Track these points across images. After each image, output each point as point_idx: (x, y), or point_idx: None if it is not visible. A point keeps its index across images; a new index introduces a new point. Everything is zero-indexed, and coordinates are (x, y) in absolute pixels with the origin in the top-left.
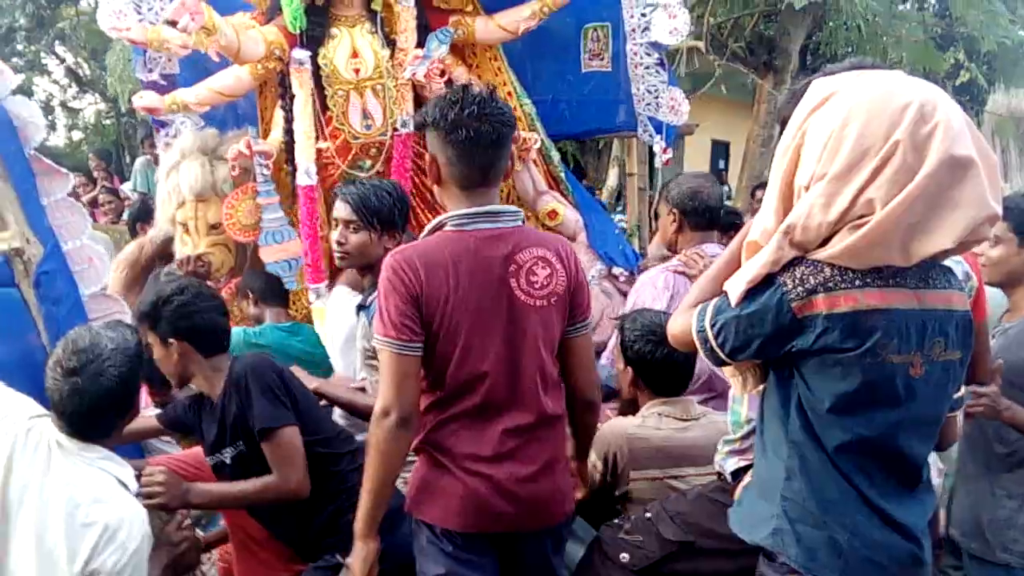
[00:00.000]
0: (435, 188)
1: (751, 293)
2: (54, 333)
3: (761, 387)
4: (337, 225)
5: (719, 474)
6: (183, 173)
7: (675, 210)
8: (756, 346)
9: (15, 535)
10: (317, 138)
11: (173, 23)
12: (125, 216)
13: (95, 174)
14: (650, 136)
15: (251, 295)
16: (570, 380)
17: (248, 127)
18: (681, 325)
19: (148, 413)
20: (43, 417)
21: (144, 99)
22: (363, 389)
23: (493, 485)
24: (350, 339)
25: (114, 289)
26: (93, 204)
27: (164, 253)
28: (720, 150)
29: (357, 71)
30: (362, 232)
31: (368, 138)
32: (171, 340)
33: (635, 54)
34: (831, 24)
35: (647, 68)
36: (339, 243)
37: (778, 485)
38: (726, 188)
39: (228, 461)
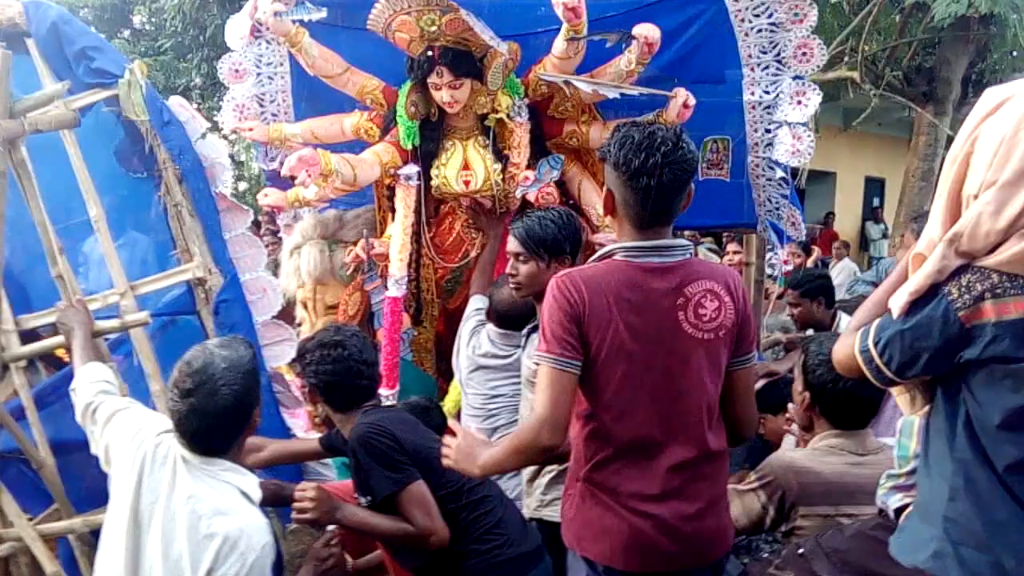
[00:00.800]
0: (607, 218)
1: (915, 305)
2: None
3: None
4: (510, 258)
5: (881, 510)
6: (303, 257)
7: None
8: (924, 361)
9: (147, 547)
10: (421, 245)
11: (292, 177)
12: None
13: (260, 218)
14: (771, 238)
15: None
16: (729, 413)
17: (367, 208)
18: (844, 348)
19: (311, 436)
20: (171, 432)
21: (269, 197)
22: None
23: (659, 524)
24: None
25: None
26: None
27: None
28: (874, 187)
29: (467, 183)
30: (530, 262)
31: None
32: (309, 389)
33: (756, 166)
34: (994, 53)
35: (769, 180)
36: (511, 275)
37: (941, 506)
38: (881, 226)
39: (365, 504)
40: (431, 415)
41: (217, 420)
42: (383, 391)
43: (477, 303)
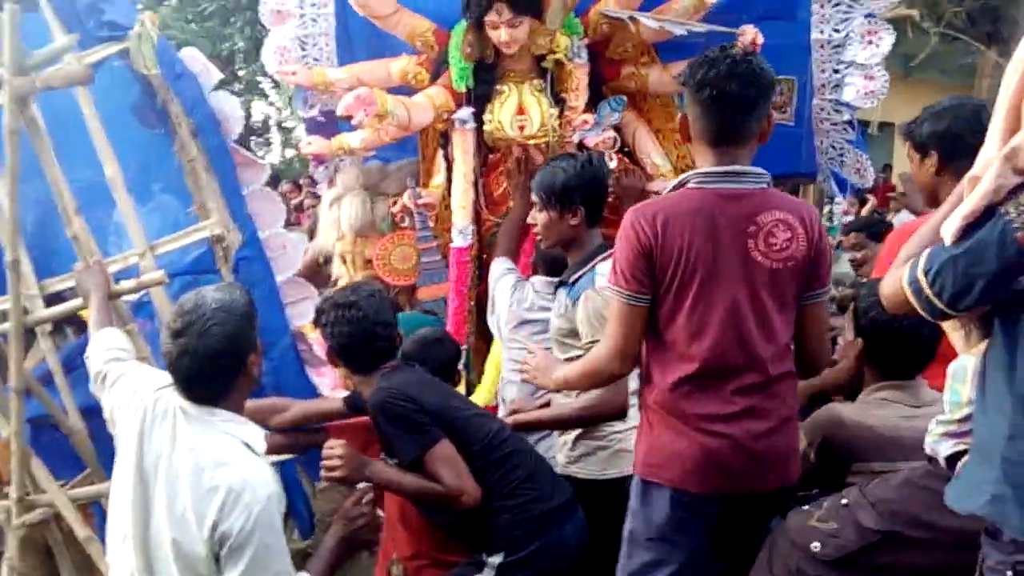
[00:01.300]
0: (688, 147)
1: (969, 230)
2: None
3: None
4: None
5: (930, 458)
6: (344, 208)
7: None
8: (979, 288)
9: (155, 503)
10: (476, 194)
11: (347, 117)
12: None
13: (301, 181)
14: (831, 188)
15: None
16: (800, 345)
17: (410, 161)
18: (893, 281)
19: (337, 395)
20: (169, 387)
21: (312, 145)
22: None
23: (731, 443)
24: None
25: None
26: (299, 209)
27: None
28: None
29: (522, 128)
30: (544, 211)
31: None
32: (327, 350)
33: (822, 110)
34: None
35: (834, 125)
36: (532, 225)
37: (1000, 445)
38: None
39: (393, 464)
40: (445, 346)
41: (208, 363)
42: None
43: (505, 263)
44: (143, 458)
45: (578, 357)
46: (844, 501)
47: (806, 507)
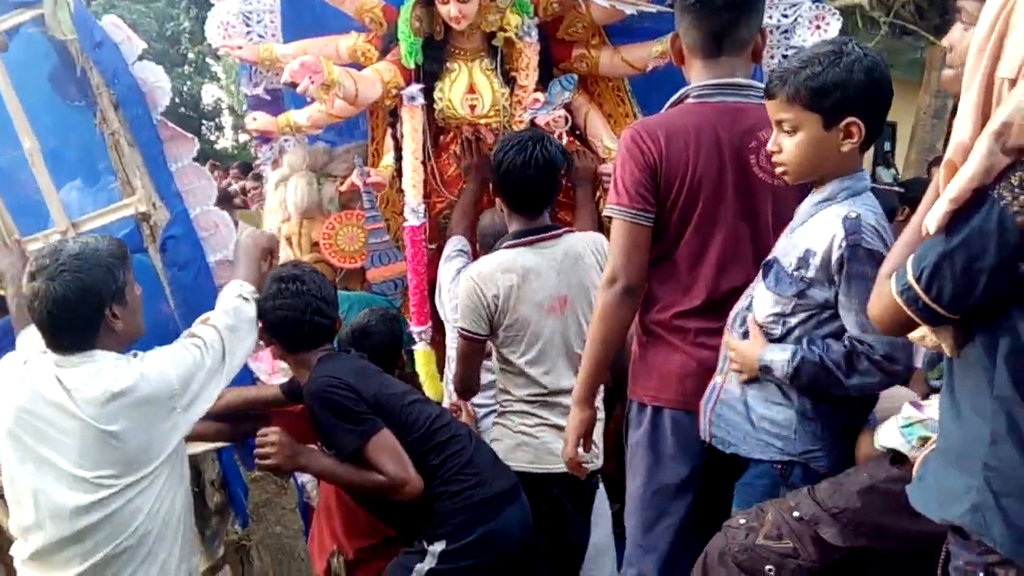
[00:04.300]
0: (682, 70)
1: (957, 219)
2: (180, 299)
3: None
4: None
5: (893, 459)
6: (290, 189)
7: None
8: (983, 284)
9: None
10: (425, 173)
11: (292, 84)
12: None
13: (252, 163)
14: None
15: None
16: None
17: (358, 144)
18: (880, 298)
19: (274, 381)
20: (39, 353)
21: (257, 122)
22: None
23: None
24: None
25: None
26: (243, 192)
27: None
28: (885, 131)
29: (473, 108)
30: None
31: None
32: (260, 327)
33: (772, 58)
34: None
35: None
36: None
37: (979, 452)
38: (892, 171)
39: (330, 454)
40: (386, 327)
41: (59, 308)
42: (415, 328)
43: (458, 244)
44: (23, 433)
45: None
46: (796, 514)
47: (741, 521)
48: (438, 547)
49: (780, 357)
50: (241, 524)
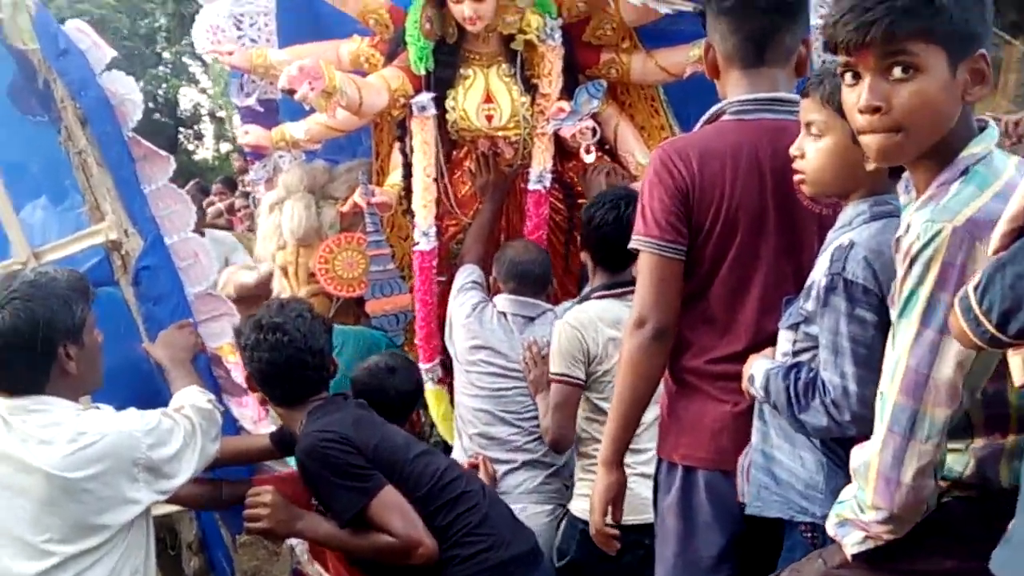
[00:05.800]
0: (717, 84)
1: (1017, 235)
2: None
3: None
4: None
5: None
6: (285, 213)
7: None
8: None
9: None
10: (437, 192)
11: (290, 91)
12: None
13: (237, 179)
14: None
15: None
16: None
17: (361, 162)
18: (953, 315)
19: (262, 430)
20: None
21: (250, 136)
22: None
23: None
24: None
25: None
26: (230, 211)
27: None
28: None
29: (490, 118)
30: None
31: None
32: (247, 376)
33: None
34: None
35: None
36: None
37: None
38: None
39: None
40: (396, 375)
41: (7, 340)
42: (422, 365)
43: (471, 274)
44: None
45: None
46: None
47: None
48: None
49: (760, 369)
50: None
